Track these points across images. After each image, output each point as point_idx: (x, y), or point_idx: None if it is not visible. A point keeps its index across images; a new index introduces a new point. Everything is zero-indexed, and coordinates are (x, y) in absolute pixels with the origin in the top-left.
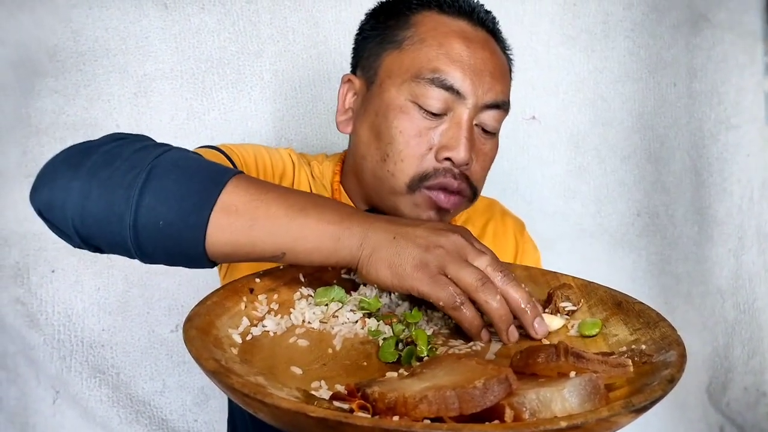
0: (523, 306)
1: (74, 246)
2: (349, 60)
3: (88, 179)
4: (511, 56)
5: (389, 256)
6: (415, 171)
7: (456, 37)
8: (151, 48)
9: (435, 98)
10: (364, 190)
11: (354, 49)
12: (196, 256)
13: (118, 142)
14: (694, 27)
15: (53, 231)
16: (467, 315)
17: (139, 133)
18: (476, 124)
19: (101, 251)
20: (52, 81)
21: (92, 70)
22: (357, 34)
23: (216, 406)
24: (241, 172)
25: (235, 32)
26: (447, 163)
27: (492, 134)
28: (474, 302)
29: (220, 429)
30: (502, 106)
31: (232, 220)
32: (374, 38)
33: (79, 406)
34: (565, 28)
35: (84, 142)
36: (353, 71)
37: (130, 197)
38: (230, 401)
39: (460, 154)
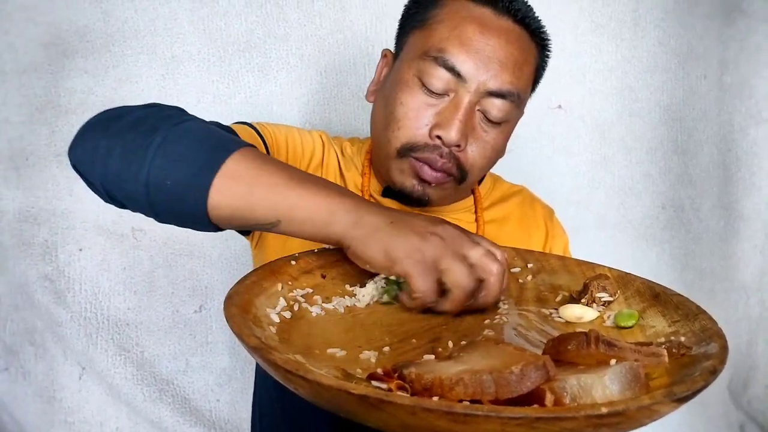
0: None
1: (105, 201)
2: (375, 45)
3: (114, 139)
4: (548, 53)
5: (386, 238)
6: (407, 139)
7: (472, 22)
8: (179, 30)
9: (437, 77)
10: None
11: (398, 26)
12: (199, 217)
13: (152, 109)
14: (727, 17)
15: (87, 185)
16: (429, 306)
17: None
18: (479, 110)
19: (125, 207)
20: (81, 61)
21: (121, 51)
22: (402, 13)
23: (238, 386)
24: (251, 145)
25: (262, 15)
26: (437, 141)
27: (496, 124)
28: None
29: (241, 409)
30: (508, 97)
31: (233, 185)
32: (409, 17)
33: (104, 383)
34: (594, 16)
35: (121, 107)
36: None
37: (145, 157)
38: (256, 383)
39: (450, 134)
